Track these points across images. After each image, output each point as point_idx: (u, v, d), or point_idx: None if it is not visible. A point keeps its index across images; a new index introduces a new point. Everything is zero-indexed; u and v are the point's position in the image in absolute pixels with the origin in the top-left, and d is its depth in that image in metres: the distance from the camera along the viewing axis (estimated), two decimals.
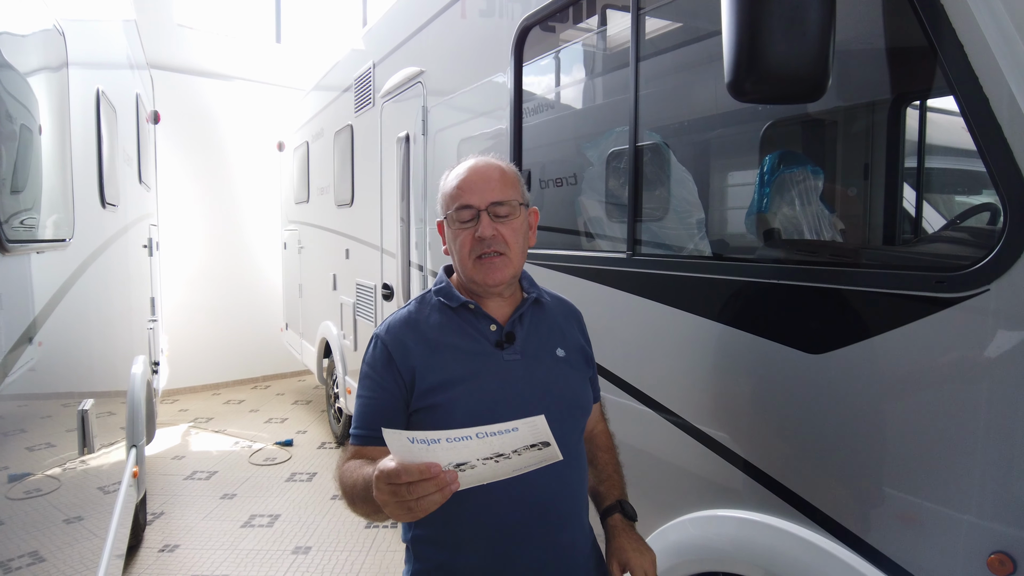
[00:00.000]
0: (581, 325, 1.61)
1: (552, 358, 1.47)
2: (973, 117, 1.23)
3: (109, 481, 2.84)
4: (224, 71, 8.03)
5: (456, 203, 1.40)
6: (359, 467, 1.27)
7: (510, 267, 1.41)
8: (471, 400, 1.36)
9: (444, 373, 1.39)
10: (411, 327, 1.45)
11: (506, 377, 1.40)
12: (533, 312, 1.50)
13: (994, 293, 1.20)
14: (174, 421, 6.62)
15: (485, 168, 1.42)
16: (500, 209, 1.39)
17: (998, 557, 1.20)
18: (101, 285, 2.98)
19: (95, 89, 2.94)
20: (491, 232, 1.37)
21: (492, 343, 1.43)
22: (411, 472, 1.00)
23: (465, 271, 1.43)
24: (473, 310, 1.45)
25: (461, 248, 1.41)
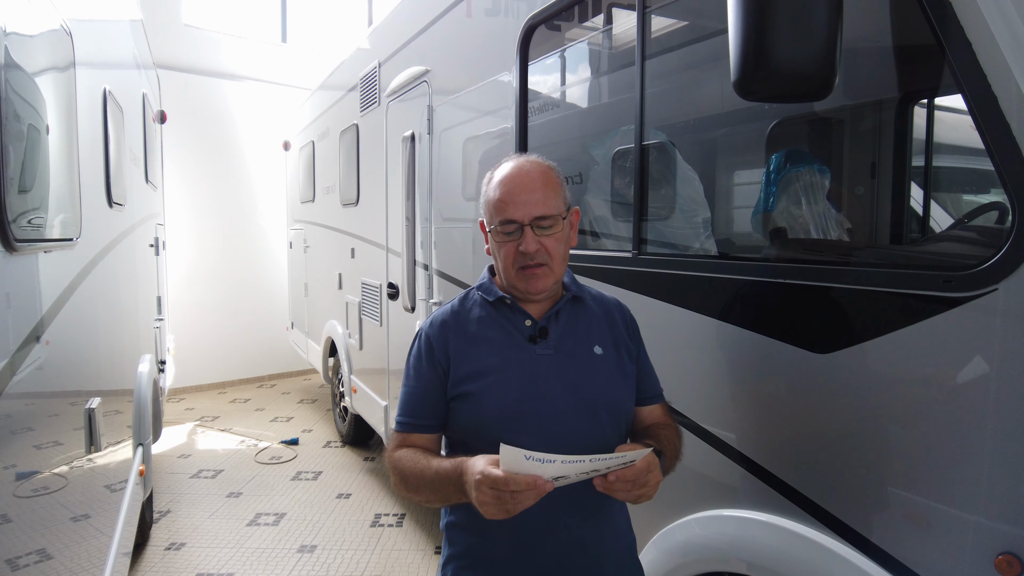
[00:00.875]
0: (629, 324, 1.59)
1: (588, 355, 1.48)
2: (981, 116, 1.22)
3: (116, 479, 2.85)
4: (230, 71, 8.05)
5: (499, 217, 1.42)
6: (423, 458, 1.40)
7: (551, 276, 1.44)
8: (500, 391, 1.41)
9: (477, 364, 1.45)
10: (452, 321, 1.51)
11: (536, 371, 1.43)
12: (571, 309, 1.52)
13: (1002, 293, 1.20)
14: (180, 420, 6.65)
15: (528, 177, 1.42)
16: (543, 222, 1.40)
17: (1006, 558, 1.19)
18: (108, 284, 2.99)
19: (102, 89, 2.95)
20: (535, 247, 1.40)
21: (526, 337, 1.47)
22: (518, 483, 1.15)
23: (508, 279, 1.47)
24: (510, 305, 1.49)
25: (505, 259, 1.44)
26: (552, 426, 1.40)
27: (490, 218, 1.45)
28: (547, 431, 1.40)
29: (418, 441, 1.49)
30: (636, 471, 1.23)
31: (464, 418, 1.45)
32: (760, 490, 1.68)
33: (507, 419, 1.40)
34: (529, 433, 1.38)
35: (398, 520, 4.30)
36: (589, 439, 1.41)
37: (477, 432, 1.43)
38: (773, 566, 1.62)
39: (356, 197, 5.15)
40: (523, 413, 1.40)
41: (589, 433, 1.42)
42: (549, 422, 1.41)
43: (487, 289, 1.53)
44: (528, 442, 1.33)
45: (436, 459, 1.38)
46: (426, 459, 1.39)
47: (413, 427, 1.50)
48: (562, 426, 1.41)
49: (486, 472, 1.18)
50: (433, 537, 4.03)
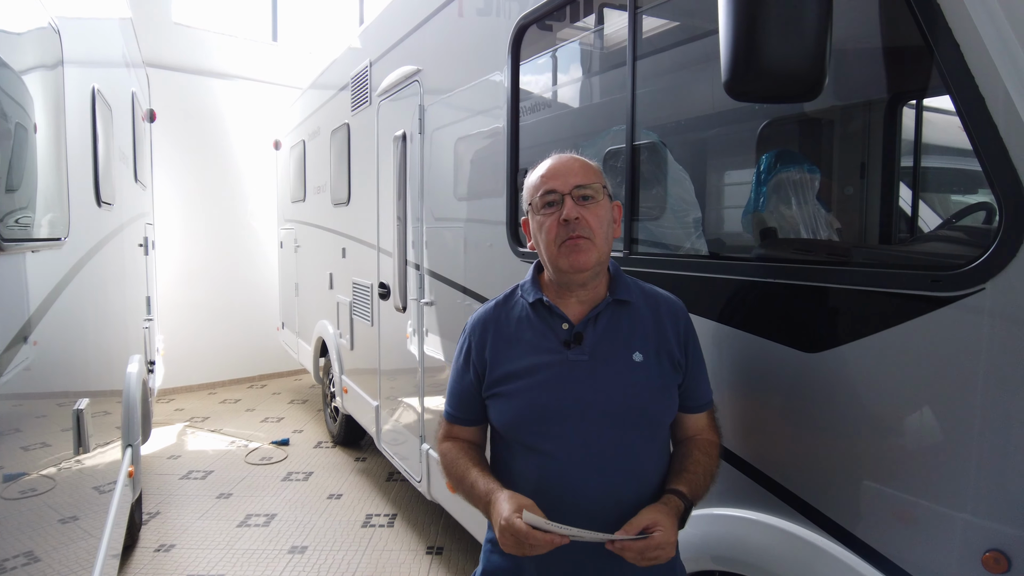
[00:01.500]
0: (679, 326, 1.52)
1: (625, 362, 1.44)
2: (969, 117, 1.23)
3: (104, 481, 2.83)
4: (221, 70, 8.01)
5: (540, 190, 1.44)
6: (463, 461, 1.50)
7: (594, 251, 1.41)
8: (529, 395, 1.43)
9: (510, 366, 1.47)
10: (493, 320, 1.54)
11: (567, 377, 1.42)
12: (612, 313, 1.48)
13: (989, 292, 1.21)
14: (170, 420, 6.61)
15: (567, 158, 1.47)
16: (584, 191, 1.42)
17: (993, 555, 1.21)
18: (96, 284, 2.97)
19: (91, 87, 2.93)
20: (575, 214, 1.39)
21: (561, 342, 1.45)
22: (537, 542, 1.25)
23: (551, 258, 1.45)
24: (547, 306, 1.48)
25: (547, 235, 1.43)
26: (577, 435, 1.40)
27: (531, 198, 1.47)
28: (571, 439, 1.40)
29: (462, 433, 1.59)
30: (644, 545, 1.27)
31: (496, 417, 1.50)
32: (751, 488, 1.69)
33: (532, 423, 1.42)
34: (552, 439, 1.40)
35: (389, 520, 4.29)
36: (615, 449, 1.41)
37: (507, 432, 1.48)
38: (764, 564, 1.63)
39: (347, 197, 5.14)
40: (548, 419, 1.41)
41: (616, 443, 1.41)
42: (574, 430, 1.40)
43: (528, 289, 1.54)
44: (551, 448, 1.37)
45: (474, 470, 1.46)
46: (466, 464, 1.49)
47: (456, 419, 1.59)
48: (587, 435, 1.40)
49: (510, 522, 1.26)
50: (424, 537, 4.03)
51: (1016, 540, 1.18)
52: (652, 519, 1.31)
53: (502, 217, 2.80)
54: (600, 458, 1.40)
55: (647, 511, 1.34)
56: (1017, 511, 1.18)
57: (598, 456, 1.40)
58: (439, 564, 3.71)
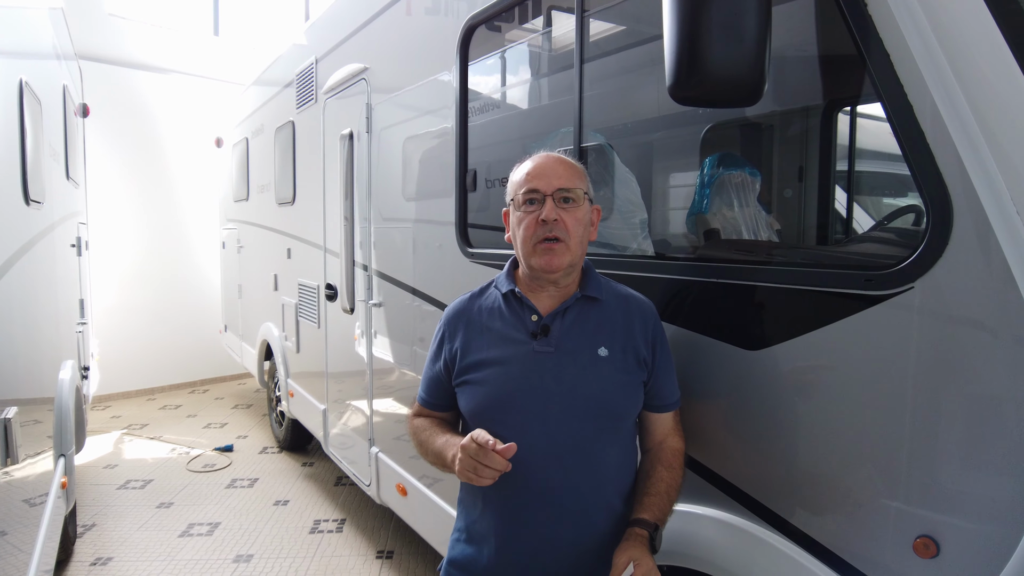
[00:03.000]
0: (647, 325, 1.56)
1: (590, 356, 1.48)
2: (899, 123, 1.28)
3: (35, 493, 2.70)
4: (159, 64, 7.73)
5: (522, 188, 1.48)
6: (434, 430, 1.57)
7: (567, 254, 1.46)
8: (495, 383, 1.48)
9: (479, 354, 1.52)
10: (467, 309, 1.60)
11: (532, 368, 1.46)
12: (581, 308, 1.53)
13: (918, 290, 1.26)
14: (106, 428, 6.35)
15: (555, 159, 1.50)
16: (566, 194, 1.45)
17: (923, 541, 1.26)
18: (25, 286, 2.83)
19: (18, 79, 2.79)
20: (554, 216, 1.43)
21: (528, 333, 1.50)
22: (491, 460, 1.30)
23: (525, 255, 1.49)
24: (519, 298, 1.53)
25: (525, 232, 1.47)
26: (538, 424, 1.44)
27: (513, 195, 1.51)
28: (531, 429, 1.43)
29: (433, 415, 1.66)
30: None
31: (464, 405, 1.55)
32: (697, 484, 1.73)
33: (496, 411, 1.47)
34: (514, 428, 1.42)
35: (338, 526, 4.22)
36: (575, 441, 1.45)
37: (473, 419, 1.52)
38: (709, 557, 1.66)
39: (292, 196, 5.03)
40: (511, 408, 1.45)
41: (576, 435, 1.45)
42: (536, 419, 1.44)
43: (502, 281, 1.59)
44: (510, 437, 1.37)
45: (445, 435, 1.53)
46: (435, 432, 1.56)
47: (429, 404, 1.66)
48: (547, 425, 1.44)
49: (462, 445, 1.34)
50: (374, 542, 3.98)
51: (944, 526, 1.24)
52: (628, 557, 1.35)
53: (451, 218, 2.78)
54: (560, 448, 1.44)
55: (620, 553, 1.38)
56: (945, 499, 1.24)
57: (558, 446, 1.44)
58: (389, 568, 3.67)
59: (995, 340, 1.17)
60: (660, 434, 1.60)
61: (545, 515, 1.45)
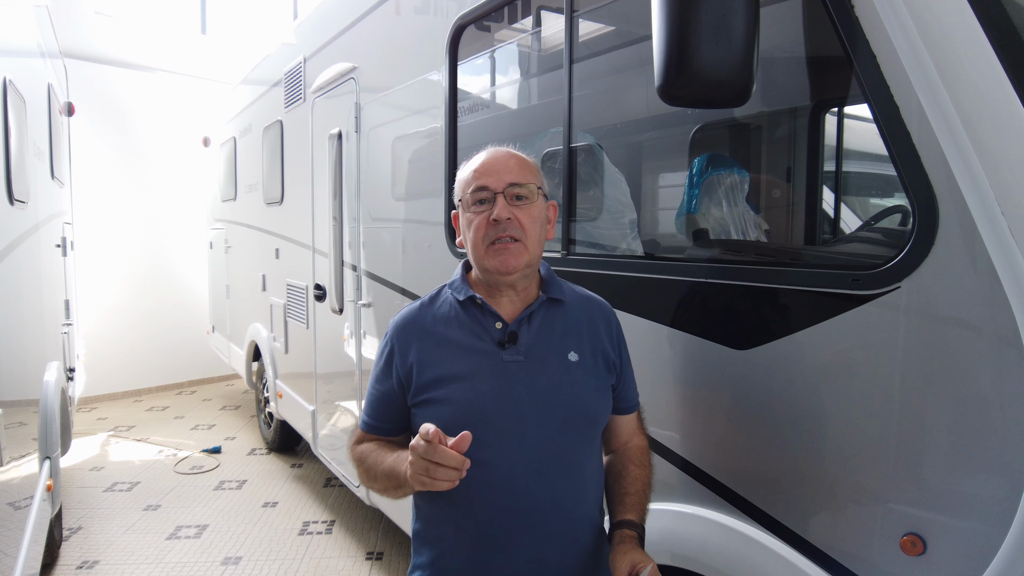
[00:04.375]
0: (611, 327, 1.50)
1: (561, 362, 1.39)
2: (885, 124, 1.30)
3: (20, 496, 2.67)
4: (145, 62, 7.67)
5: (471, 186, 1.36)
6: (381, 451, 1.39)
7: (525, 254, 1.35)
8: (464, 399, 1.34)
9: (441, 369, 1.37)
10: (419, 321, 1.44)
11: (504, 379, 1.35)
12: (546, 311, 1.43)
13: (905, 290, 1.27)
14: (92, 430, 6.29)
15: (504, 154, 1.39)
16: (518, 191, 1.34)
17: (910, 539, 1.27)
18: (9, 287, 2.80)
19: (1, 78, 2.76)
20: (507, 215, 1.32)
21: (495, 342, 1.37)
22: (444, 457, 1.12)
23: (478, 258, 1.37)
24: (480, 305, 1.40)
25: (476, 233, 1.35)
26: (515, 439, 1.33)
27: (461, 193, 1.39)
28: (511, 445, 1.33)
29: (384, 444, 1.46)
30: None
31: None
32: (686, 483, 1.74)
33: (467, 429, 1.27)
34: (489, 446, 1.30)
35: (327, 527, 4.20)
36: (555, 453, 1.35)
37: None
38: (697, 555, 1.67)
39: (280, 196, 5.01)
40: (484, 424, 1.31)
41: (555, 446, 1.35)
42: (512, 434, 1.33)
43: (458, 287, 1.44)
44: (490, 456, 1.28)
45: (395, 453, 1.35)
46: (383, 453, 1.38)
47: (376, 429, 1.47)
48: (526, 438, 1.33)
49: (412, 444, 1.16)
50: (364, 543, 3.97)
51: (931, 523, 1.25)
52: (632, 560, 1.27)
53: (440, 218, 2.78)
54: (541, 463, 1.34)
55: (621, 556, 1.29)
56: (931, 496, 1.25)
57: (539, 461, 1.34)
58: (379, 569, 3.66)
59: (980, 339, 1.18)
60: (625, 435, 1.54)
61: (530, 538, 1.33)
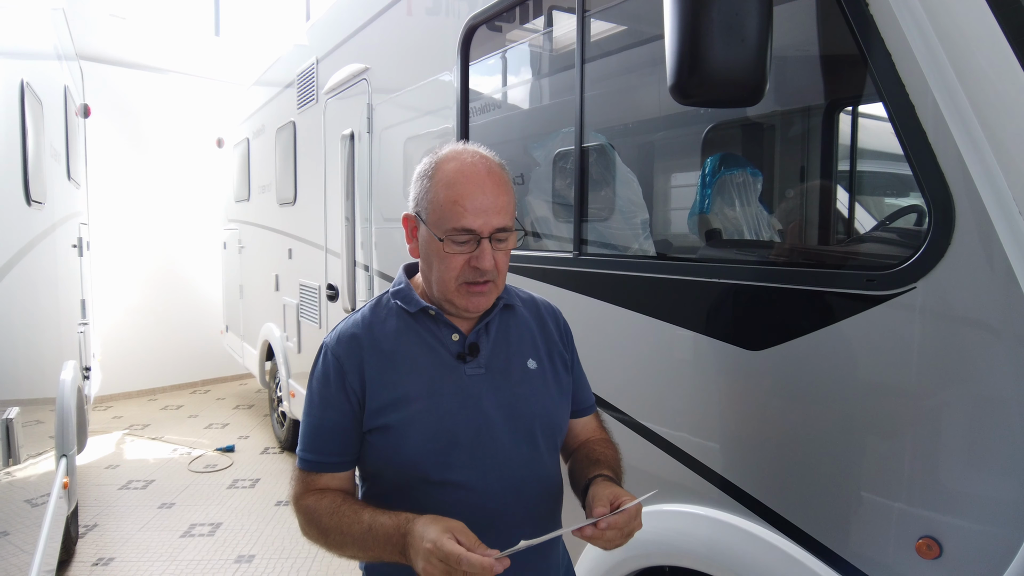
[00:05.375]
0: (563, 330, 1.44)
1: (522, 371, 1.32)
2: (900, 123, 1.28)
3: (37, 493, 2.71)
4: (160, 64, 7.73)
5: (453, 223, 1.19)
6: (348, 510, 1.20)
7: (495, 294, 1.28)
8: (427, 421, 1.23)
9: (398, 389, 1.25)
10: (365, 335, 1.29)
11: (468, 395, 1.26)
12: (502, 319, 1.35)
13: (920, 290, 1.26)
14: (108, 429, 6.36)
15: (490, 180, 1.22)
16: (501, 235, 1.22)
17: (925, 542, 1.26)
18: (27, 287, 2.83)
19: (19, 80, 2.80)
20: (491, 265, 1.20)
21: (453, 355, 1.28)
22: (472, 565, 0.99)
23: (446, 293, 1.25)
24: (434, 316, 1.30)
25: (448, 271, 1.22)
26: (487, 457, 1.25)
27: (437, 220, 1.21)
28: (482, 464, 1.24)
29: (330, 482, 1.28)
30: (626, 517, 1.10)
31: (385, 454, 1.25)
32: (699, 484, 1.73)
33: (440, 453, 1.23)
34: (465, 468, 1.23)
35: None
36: (528, 467, 1.29)
37: (399, 470, 1.25)
38: (712, 557, 1.66)
39: (293, 196, 5.03)
40: (455, 446, 1.23)
41: (528, 460, 1.29)
42: (484, 454, 1.24)
43: (405, 297, 1.32)
44: (464, 479, 1.22)
45: (368, 511, 1.17)
46: (352, 511, 1.19)
47: (321, 465, 1.27)
48: (497, 456, 1.25)
49: (439, 544, 1.01)
50: None
51: (947, 527, 1.24)
52: (613, 493, 1.17)
53: None
54: (515, 478, 1.27)
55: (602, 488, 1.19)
56: (948, 499, 1.24)
57: (512, 476, 1.26)
58: None
59: (998, 340, 1.17)
60: (585, 436, 1.46)
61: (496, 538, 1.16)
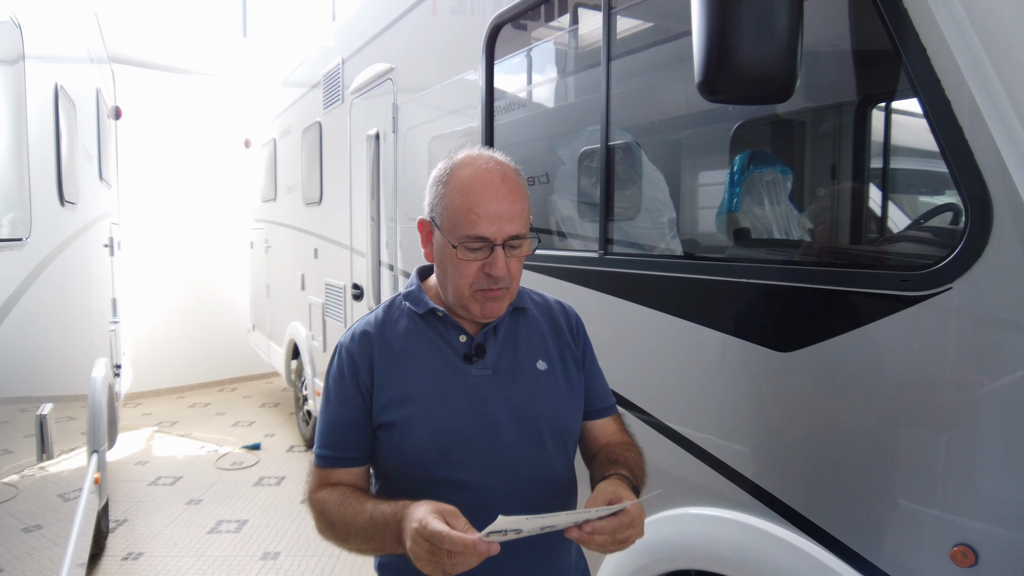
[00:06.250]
0: (574, 328, 1.44)
1: (531, 373, 1.33)
2: (936, 119, 1.25)
3: (69, 488, 2.76)
4: (189, 66, 7.86)
5: (467, 231, 1.21)
6: (354, 501, 1.22)
7: (508, 299, 1.29)
8: (431, 420, 1.25)
9: (403, 387, 1.28)
10: (376, 333, 1.33)
11: (473, 395, 1.27)
12: (511, 321, 1.36)
13: (956, 291, 1.23)
14: (137, 425, 6.47)
15: (505, 187, 1.23)
16: (515, 242, 1.23)
17: (961, 549, 1.23)
18: (60, 285, 2.89)
19: (53, 84, 2.86)
20: (504, 272, 1.22)
21: (460, 356, 1.30)
22: (455, 543, 0.97)
23: (460, 299, 1.27)
24: (442, 318, 1.32)
25: (462, 278, 1.24)
26: (491, 457, 1.26)
27: (451, 227, 1.23)
28: (486, 464, 1.25)
29: (344, 477, 1.31)
30: (617, 523, 1.05)
31: (391, 451, 1.28)
32: (726, 488, 1.71)
33: (444, 452, 1.24)
34: (469, 467, 1.24)
35: None
36: (535, 468, 1.29)
37: (411, 469, 1.26)
38: (740, 562, 1.64)
39: (319, 196, 5.08)
40: (459, 444, 1.24)
41: (535, 461, 1.29)
42: (488, 453, 1.25)
43: (415, 298, 1.35)
44: (468, 478, 1.23)
45: (371, 502, 1.20)
46: (358, 502, 1.21)
47: (336, 461, 1.31)
48: (503, 456, 1.26)
49: (424, 522, 1.01)
50: None
51: (983, 534, 1.21)
52: (615, 492, 1.13)
53: None
54: (520, 479, 1.27)
55: (605, 485, 1.16)
56: (984, 506, 1.21)
57: (518, 477, 1.27)
58: None
59: None
60: (605, 439, 1.43)
61: (514, 566, 1.21)
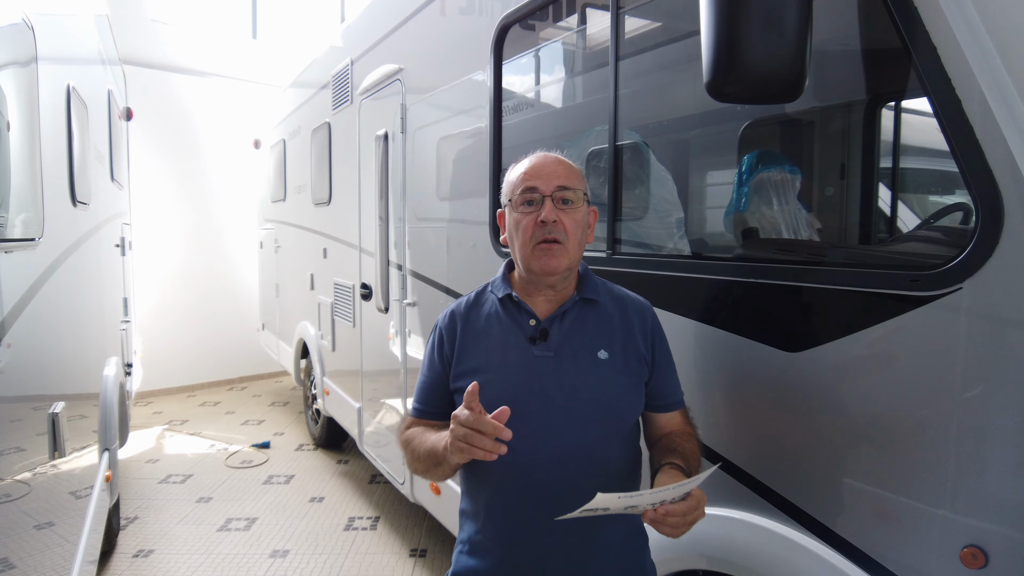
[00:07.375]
0: (649, 328, 1.53)
1: (591, 360, 1.45)
2: (946, 118, 1.25)
3: (81, 486, 2.78)
4: (199, 67, 7.91)
5: (521, 187, 1.44)
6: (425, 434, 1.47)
7: (566, 256, 1.43)
8: (493, 389, 1.40)
9: (476, 359, 1.48)
10: (464, 313, 1.56)
11: (532, 373, 1.43)
12: (579, 311, 1.49)
13: (967, 291, 1.22)
14: (148, 424, 6.52)
15: (553, 159, 1.47)
16: (565, 194, 1.42)
17: (971, 551, 1.22)
18: (72, 285, 2.92)
19: (66, 85, 2.88)
20: (553, 217, 1.40)
21: (527, 337, 1.47)
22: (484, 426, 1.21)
23: (524, 257, 1.45)
24: (516, 303, 1.50)
25: (523, 233, 1.43)
26: (539, 428, 1.39)
27: (511, 192, 1.46)
28: (534, 433, 1.39)
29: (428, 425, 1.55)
30: (687, 506, 1.17)
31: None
32: (735, 488, 1.70)
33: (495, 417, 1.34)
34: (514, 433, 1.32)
35: (372, 523, 4.26)
36: (578, 447, 1.41)
37: None
38: (749, 563, 1.64)
39: (328, 196, 5.10)
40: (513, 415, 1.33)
41: (579, 441, 1.41)
42: (536, 424, 1.39)
43: (498, 285, 1.55)
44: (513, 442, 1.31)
45: (436, 434, 1.43)
46: (426, 435, 1.46)
47: (424, 414, 1.56)
48: (550, 430, 1.40)
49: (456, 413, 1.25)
50: (408, 540, 4.01)
51: (993, 535, 1.20)
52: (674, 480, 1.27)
53: (485, 217, 2.79)
54: (562, 452, 1.40)
55: (662, 476, 1.31)
56: (994, 507, 1.20)
57: (560, 450, 1.40)
58: (423, 567, 3.70)
59: None
60: (669, 429, 1.54)
61: (551, 523, 1.34)
